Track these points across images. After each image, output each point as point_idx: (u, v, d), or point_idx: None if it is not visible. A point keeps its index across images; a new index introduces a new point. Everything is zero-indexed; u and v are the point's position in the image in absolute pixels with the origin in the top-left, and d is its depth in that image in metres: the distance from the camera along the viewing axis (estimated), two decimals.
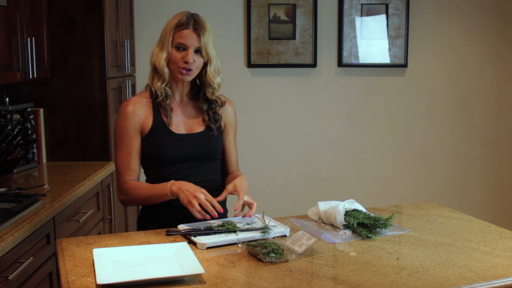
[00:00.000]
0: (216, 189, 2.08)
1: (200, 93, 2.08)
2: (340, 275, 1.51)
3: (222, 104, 2.09)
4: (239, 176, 2.04)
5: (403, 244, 1.76)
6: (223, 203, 2.11)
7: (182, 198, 1.85)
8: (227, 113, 2.13)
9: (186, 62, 1.95)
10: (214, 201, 1.84)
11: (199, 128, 2.06)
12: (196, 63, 1.97)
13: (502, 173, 4.34)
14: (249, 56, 3.94)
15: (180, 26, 1.95)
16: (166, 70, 1.98)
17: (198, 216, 1.82)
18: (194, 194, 1.82)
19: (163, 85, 2.00)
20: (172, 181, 1.91)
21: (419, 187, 4.25)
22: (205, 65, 2.01)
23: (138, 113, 2.00)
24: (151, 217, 2.05)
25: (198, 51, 1.97)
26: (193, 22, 1.96)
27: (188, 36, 1.95)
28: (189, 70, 1.97)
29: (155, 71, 2.02)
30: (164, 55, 1.96)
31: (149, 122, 2.00)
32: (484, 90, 4.24)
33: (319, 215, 1.97)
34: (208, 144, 2.05)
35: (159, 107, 2.01)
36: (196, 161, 2.03)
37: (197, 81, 2.09)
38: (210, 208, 1.82)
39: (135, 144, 2.01)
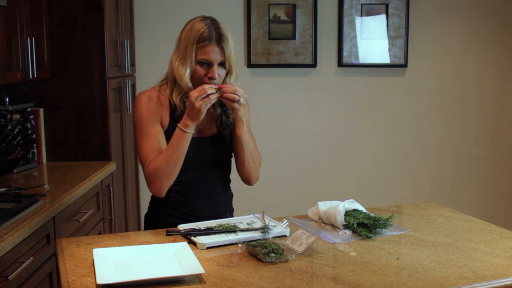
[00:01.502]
0: (224, 190, 2.09)
1: None
2: (340, 275, 1.51)
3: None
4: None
5: (403, 244, 1.76)
6: (228, 203, 2.11)
7: (195, 114, 1.83)
8: None
9: (211, 78, 1.89)
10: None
11: (210, 132, 2.01)
12: (221, 76, 1.92)
13: (501, 173, 4.34)
14: (249, 56, 3.94)
15: (202, 40, 1.87)
16: (190, 85, 1.92)
17: (209, 87, 1.82)
18: (194, 104, 1.82)
19: (182, 96, 1.94)
20: (178, 124, 1.88)
21: (419, 187, 4.25)
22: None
23: (158, 102, 1.96)
24: (158, 215, 2.04)
25: (221, 63, 1.91)
26: (216, 36, 1.87)
27: (213, 52, 1.87)
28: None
29: (174, 82, 1.95)
30: (188, 71, 1.90)
31: (166, 119, 1.96)
32: (484, 90, 4.24)
33: (319, 215, 1.97)
34: (218, 149, 2.02)
35: (178, 117, 1.96)
36: (205, 166, 2.01)
37: None
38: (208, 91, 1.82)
39: (160, 130, 1.95)
